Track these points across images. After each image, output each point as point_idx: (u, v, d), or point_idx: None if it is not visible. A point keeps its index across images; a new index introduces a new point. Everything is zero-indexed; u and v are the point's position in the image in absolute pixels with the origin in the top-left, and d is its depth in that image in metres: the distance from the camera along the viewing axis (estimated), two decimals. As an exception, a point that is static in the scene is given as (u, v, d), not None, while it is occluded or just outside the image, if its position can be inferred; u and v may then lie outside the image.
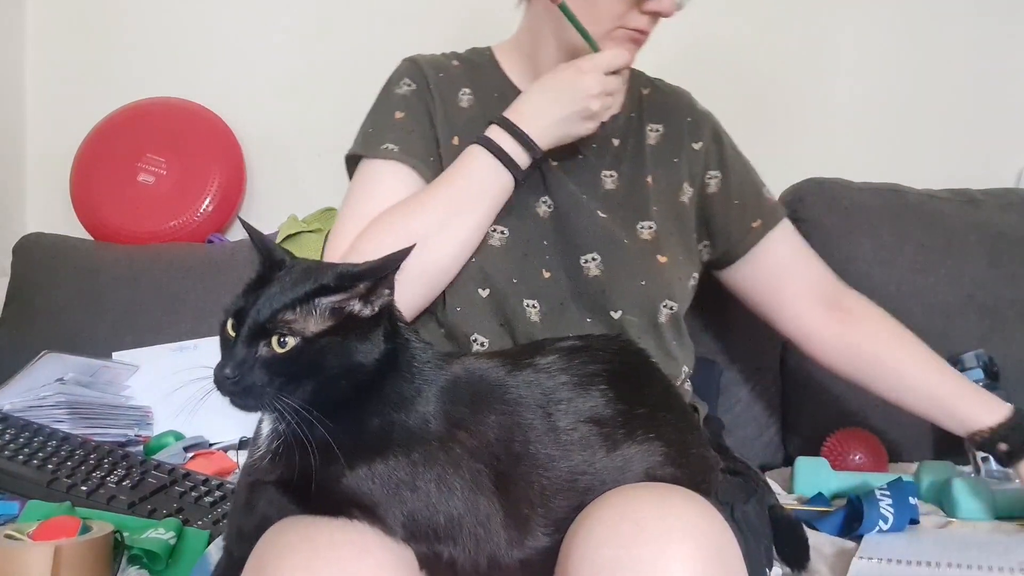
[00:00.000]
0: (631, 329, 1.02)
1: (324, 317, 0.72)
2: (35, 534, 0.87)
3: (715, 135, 1.17)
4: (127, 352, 1.50)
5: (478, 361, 0.81)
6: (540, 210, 1.06)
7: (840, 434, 1.34)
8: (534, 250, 1.04)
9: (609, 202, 1.08)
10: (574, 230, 1.05)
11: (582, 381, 0.79)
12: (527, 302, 1.01)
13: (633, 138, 1.13)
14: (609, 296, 1.02)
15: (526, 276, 1.02)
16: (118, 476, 1.09)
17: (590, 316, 1.02)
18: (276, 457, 0.74)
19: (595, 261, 1.03)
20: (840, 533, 1.06)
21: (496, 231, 1.02)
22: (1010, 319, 1.43)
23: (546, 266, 1.03)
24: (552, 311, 1.01)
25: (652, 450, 0.77)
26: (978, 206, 1.51)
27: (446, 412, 0.75)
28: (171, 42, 1.89)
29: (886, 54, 1.76)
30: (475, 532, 0.72)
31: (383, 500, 0.72)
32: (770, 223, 1.16)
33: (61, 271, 1.62)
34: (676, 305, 1.05)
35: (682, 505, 0.71)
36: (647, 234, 1.07)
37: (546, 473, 0.75)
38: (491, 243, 1.02)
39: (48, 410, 1.27)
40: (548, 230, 1.05)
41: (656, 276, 1.05)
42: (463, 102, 1.11)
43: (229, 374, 0.70)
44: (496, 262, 1.01)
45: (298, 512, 0.74)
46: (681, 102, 1.18)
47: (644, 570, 0.66)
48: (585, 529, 0.71)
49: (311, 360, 0.71)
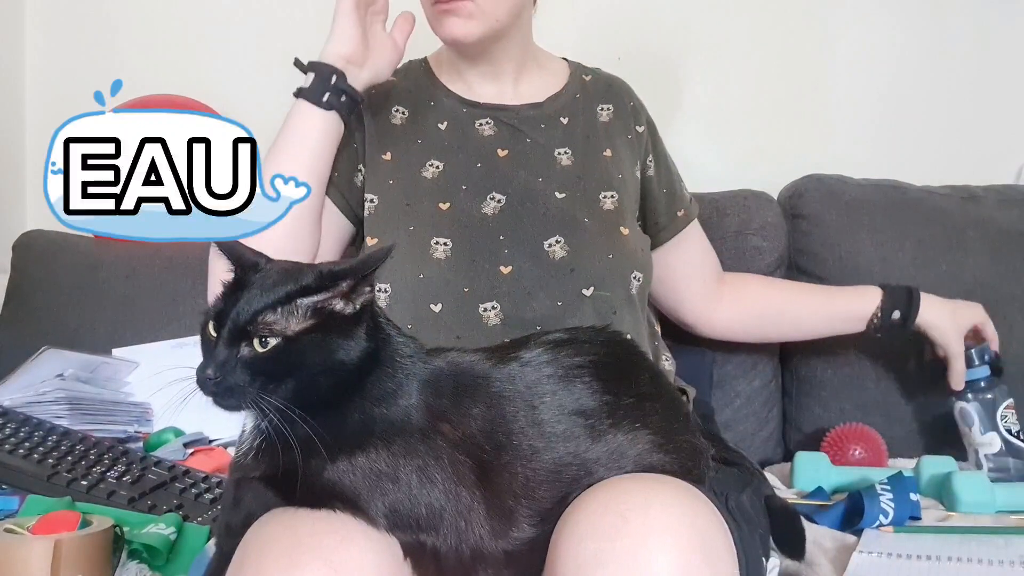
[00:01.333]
0: (603, 305, 1.03)
1: (305, 316, 0.73)
2: (35, 528, 0.87)
3: (650, 124, 1.24)
4: (127, 348, 1.50)
5: (463, 355, 0.81)
6: (488, 209, 1.07)
7: (840, 429, 1.34)
8: (486, 251, 1.04)
9: (567, 178, 1.10)
10: (532, 218, 1.06)
11: (567, 374, 0.79)
12: (484, 307, 1.02)
13: (583, 116, 1.17)
14: (579, 274, 1.03)
15: (479, 281, 1.03)
16: (118, 472, 1.09)
17: (560, 300, 1.03)
18: (259, 454, 0.75)
19: (559, 243, 1.05)
20: (840, 527, 1.06)
21: (439, 243, 1.04)
22: (1010, 315, 1.43)
23: (504, 262, 1.04)
24: (515, 304, 1.02)
25: (640, 439, 0.78)
26: (978, 202, 1.52)
27: (428, 405, 0.75)
28: (172, 40, 1.89)
29: (886, 50, 1.76)
30: (457, 523, 0.73)
31: (364, 492, 0.72)
32: (691, 215, 1.25)
33: (61, 268, 1.61)
34: (642, 276, 1.09)
35: (668, 496, 0.71)
36: (610, 203, 1.10)
37: (530, 464, 0.75)
38: (436, 256, 1.03)
39: (48, 406, 1.27)
40: (503, 225, 1.06)
41: (622, 248, 1.07)
42: (395, 119, 1.15)
43: (211, 375, 0.71)
44: (444, 274, 1.03)
45: (283, 506, 0.75)
46: (623, 88, 1.24)
47: (627, 563, 0.67)
48: (571, 522, 0.71)
49: (293, 359, 0.72)
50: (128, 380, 1.44)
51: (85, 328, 1.54)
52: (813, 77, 1.77)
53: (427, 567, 0.74)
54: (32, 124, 1.91)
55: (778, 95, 1.77)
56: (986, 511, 1.11)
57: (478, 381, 0.78)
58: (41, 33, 1.92)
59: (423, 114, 1.14)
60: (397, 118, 1.14)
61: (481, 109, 1.15)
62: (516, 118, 1.15)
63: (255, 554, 0.72)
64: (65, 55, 1.91)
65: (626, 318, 1.04)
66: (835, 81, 1.77)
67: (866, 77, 1.76)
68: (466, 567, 0.74)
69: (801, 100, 1.77)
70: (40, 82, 1.91)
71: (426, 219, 1.06)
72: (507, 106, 1.15)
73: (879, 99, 1.77)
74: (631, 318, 1.05)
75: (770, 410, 1.48)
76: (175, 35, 1.89)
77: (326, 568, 0.70)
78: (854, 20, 1.76)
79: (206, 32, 1.89)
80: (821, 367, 1.45)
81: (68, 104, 0.91)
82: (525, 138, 1.12)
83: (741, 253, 1.45)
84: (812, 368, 1.46)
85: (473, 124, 1.14)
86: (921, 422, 1.41)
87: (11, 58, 1.89)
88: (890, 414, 1.41)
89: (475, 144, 1.12)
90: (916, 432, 1.40)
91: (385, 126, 1.13)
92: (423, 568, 0.74)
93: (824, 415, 1.43)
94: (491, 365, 0.80)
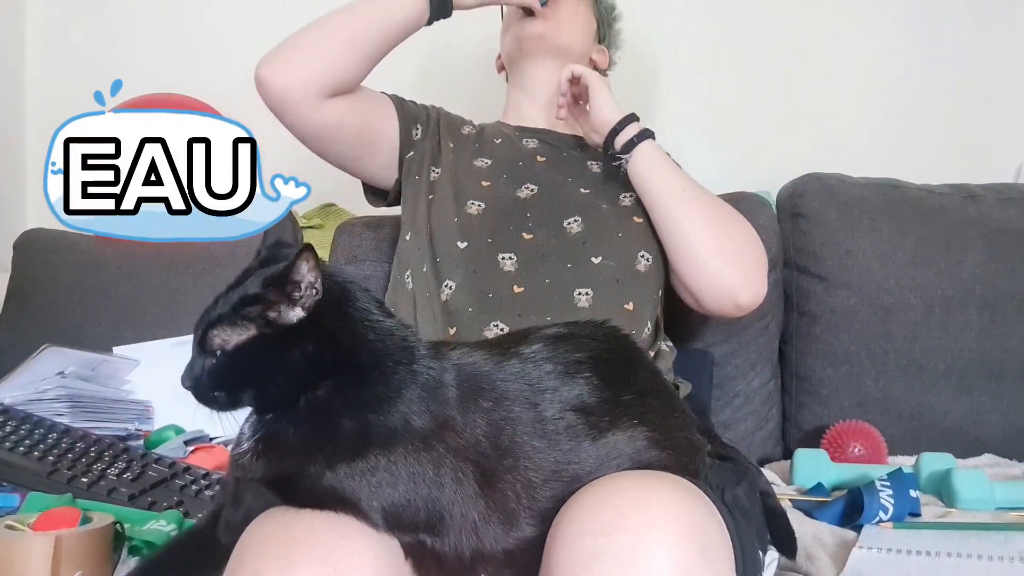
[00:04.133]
0: (606, 272, 1.11)
1: (246, 328, 0.73)
2: (35, 525, 0.88)
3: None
4: (127, 347, 1.50)
5: (463, 355, 0.80)
6: (522, 194, 1.22)
7: (839, 427, 1.34)
8: (513, 220, 1.17)
9: (594, 181, 1.24)
10: (557, 202, 1.20)
11: (567, 369, 0.79)
12: (502, 255, 1.12)
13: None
14: (589, 245, 1.14)
15: (501, 236, 1.15)
16: (119, 469, 1.09)
17: (570, 263, 1.12)
18: (256, 456, 0.75)
19: (577, 222, 1.17)
20: (840, 523, 1.06)
21: (474, 204, 1.19)
22: (1009, 313, 1.42)
23: (527, 230, 1.16)
24: (530, 260, 1.12)
25: (637, 435, 0.78)
26: (977, 201, 1.51)
27: (432, 412, 0.75)
28: (172, 39, 1.89)
29: (886, 49, 1.76)
30: (458, 526, 0.73)
31: (364, 497, 0.72)
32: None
33: (62, 266, 1.62)
34: (651, 257, 1.15)
35: (664, 491, 0.71)
36: (627, 201, 1.20)
37: (532, 465, 0.75)
38: (469, 211, 1.18)
39: (49, 403, 1.27)
40: (531, 207, 1.19)
41: (632, 230, 1.16)
42: (464, 130, 1.34)
43: (185, 384, 0.75)
44: (473, 224, 1.17)
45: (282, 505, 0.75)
46: None
47: (624, 558, 0.67)
48: (568, 518, 0.71)
49: (241, 370, 0.73)
50: (128, 378, 1.44)
51: (86, 326, 1.55)
52: (813, 76, 1.78)
53: (428, 567, 0.74)
54: (32, 124, 1.92)
55: (778, 94, 1.77)
56: (985, 507, 1.11)
57: (481, 383, 0.78)
58: (41, 33, 1.92)
59: (486, 131, 1.34)
60: (466, 130, 1.35)
61: (530, 132, 1.34)
62: (558, 139, 1.33)
63: (252, 553, 0.72)
64: (65, 55, 1.92)
65: (628, 290, 1.10)
66: (835, 80, 1.77)
67: (866, 76, 1.77)
68: (466, 567, 0.74)
69: (801, 99, 1.78)
70: (40, 82, 1.92)
71: (468, 190, 1.21)
72: (552, 131, 1.34)
73: (879, 98, 1.77)
74: (634, 291, 1.11)
75: (770, 409, 1.48)
76: (175, 35, 1.90)
77: (323, 566, 0.70)
78: (854, 19, 1.77)
79: (206, 32, 1.89)
80: (820, 365, 1.46)
81: (68, 104, 0.92)
82: (563, 152, 1.30)
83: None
84: (811, 366, 1.46)
85: (521, 140, 1.32)
86: (920, 419, 1.41)
87: (11, 58, 1.89)
88: (889, 411, 1.41)
89: (520, 151, 1.30)
90: (915, 429, 1.40)
91: (456, 132, 1.33)
92: (424, 568, 0.75)
93: (823, 413, 1.43)
94: (492, 364, 0.79)
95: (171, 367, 1.49)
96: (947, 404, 1.41)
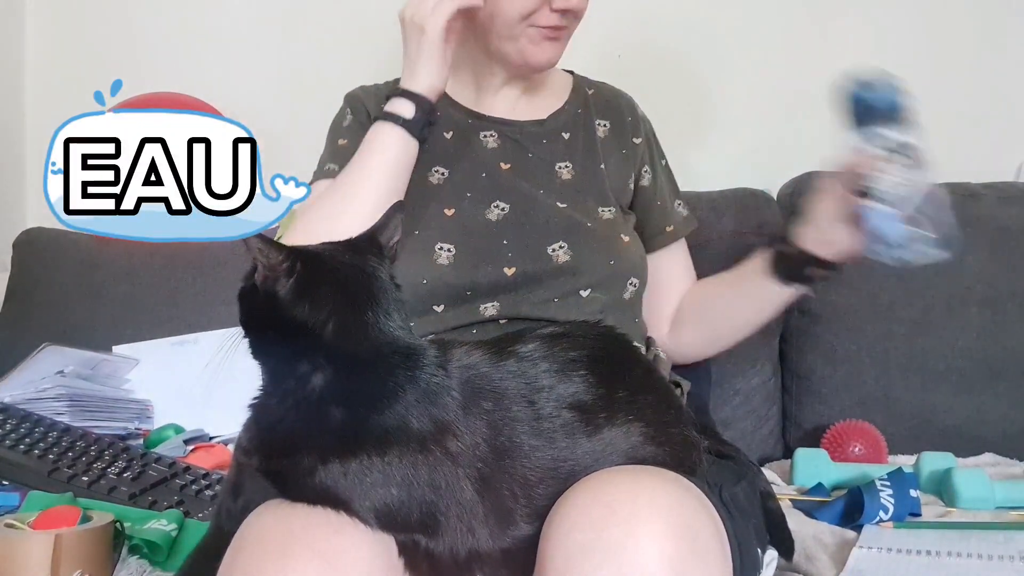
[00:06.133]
0: (595, 306, 1.06)
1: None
2: (36, 524, 0.88)
3: (649, 137, 1.25)
4: (127, 346, 1.50)
5: (461, 357, 0.80)
6: (492, 215, 1.09)
7: (839, 426, 1.34)
8: (489, 255, 1.06)
9: (567, 191, 1.13)
10: (534, 225, 1.08)
11: (563, 367, 0.79)
12: (484, 306, 1.04)
13: (583, 131, 1.19)
14: (580, 278, 1.06)
15: (481, 283, 1.05)
16: (119, 468, 1.09)
17: (558, 297, 1.06)
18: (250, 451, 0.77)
19: (563, 248, 1.07)
20: (840, 523, 1.06)
21: (443, 249, 1.05)
22: (1010, 312, 1.43)
23: (508, 264, 1.06)
24: (515, 303, 1.05)
25: (632, 431, 0.78)
26: (978, 200, 1.51)
27: (432, 416, 0.75)
28: (172, 38, 1.89)
29: (886, 47, 1.75)
30: (453, 527, 0.73)
31: (357, 496, 0.73)
32: (680, 232, 1.23)
33: (61, 265, 1.62)
34: (638, 282, 1.12)
35: (655, 485, 0.71)
36: (608, 215, 1.13)
37: (529, 463, 0.75)
38: (439, 262, 1.05)
39: (49, 402, 1.27)
40: (506, 231, 1.08)
41: (623, 254, 1.11)
42: None
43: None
44: (447, 279, 1.05)
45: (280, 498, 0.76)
46: (623, 102, 1.25)
47: (615, 552, 0.67)
48: (560, 514, 0.71)
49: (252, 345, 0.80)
50: (128, 377, 1.45)
51: (85, 325, 1.55)
52: (813, 74, 1.77)
53: (420, 566, 0.75)
54: (32, 124, 1.91)
55: (779, 92, 1.77)
56: (986, 507, 1.11)
57: (482, 384, 0.78)
58: (41, 33, 1.92)
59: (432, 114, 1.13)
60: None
61: (486, 122, 1.17)
62: (519, 133, 1.17)
63: (249, 546, 0.72)
64: (65, 55, 1.92)
65: (611, 320, 1.02)
66: (835, 78, 1.77)
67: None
68: (461, 567, 0.74)
69: (802, 97, 1.77)
70: (40, 82, 1.92)
71: (432, 223, 1.08)
72: (511, 121, 1.17)
73: (879, 97, 1.76)
74: (616, 320, 1.04)
75: (770, 408, 1.48)
76: (175, 35, 1.89)
77: (319, 560, 0.70)
78: (854, 17, 1.76)
79: (206, 32, 1.89)
80: (820, 364, 1.46)
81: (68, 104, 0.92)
82: (527, 153, 1.15)
83: (738, 253, 1.44)
84: (811, 365, 1.46)
85: (478, 135, 1.16)
86: (921, 419, 1.41)
87: (11, 58, 1.89)
88: (890, 411, 1.41)
89: (479, 155, 1.14)
90: (916, 428, 1.40)
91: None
92: (416, 568, 0.75)
93: (824, 412, 1.43)
94: (490, 365, 0.79)
95: (170, 366, 1.50)
96: (948, 403, 1.40)
